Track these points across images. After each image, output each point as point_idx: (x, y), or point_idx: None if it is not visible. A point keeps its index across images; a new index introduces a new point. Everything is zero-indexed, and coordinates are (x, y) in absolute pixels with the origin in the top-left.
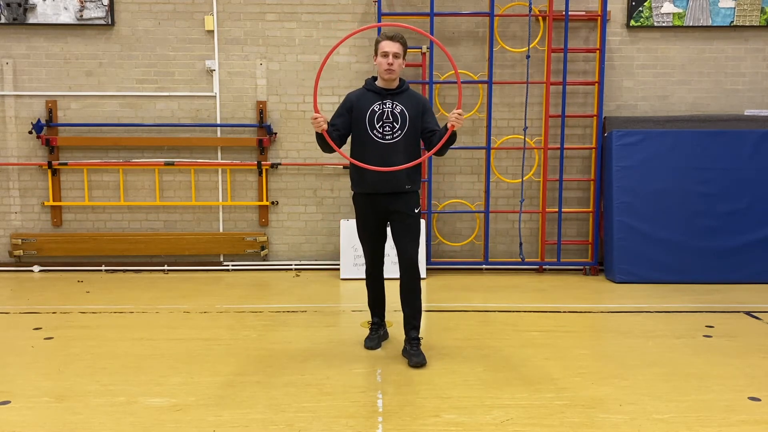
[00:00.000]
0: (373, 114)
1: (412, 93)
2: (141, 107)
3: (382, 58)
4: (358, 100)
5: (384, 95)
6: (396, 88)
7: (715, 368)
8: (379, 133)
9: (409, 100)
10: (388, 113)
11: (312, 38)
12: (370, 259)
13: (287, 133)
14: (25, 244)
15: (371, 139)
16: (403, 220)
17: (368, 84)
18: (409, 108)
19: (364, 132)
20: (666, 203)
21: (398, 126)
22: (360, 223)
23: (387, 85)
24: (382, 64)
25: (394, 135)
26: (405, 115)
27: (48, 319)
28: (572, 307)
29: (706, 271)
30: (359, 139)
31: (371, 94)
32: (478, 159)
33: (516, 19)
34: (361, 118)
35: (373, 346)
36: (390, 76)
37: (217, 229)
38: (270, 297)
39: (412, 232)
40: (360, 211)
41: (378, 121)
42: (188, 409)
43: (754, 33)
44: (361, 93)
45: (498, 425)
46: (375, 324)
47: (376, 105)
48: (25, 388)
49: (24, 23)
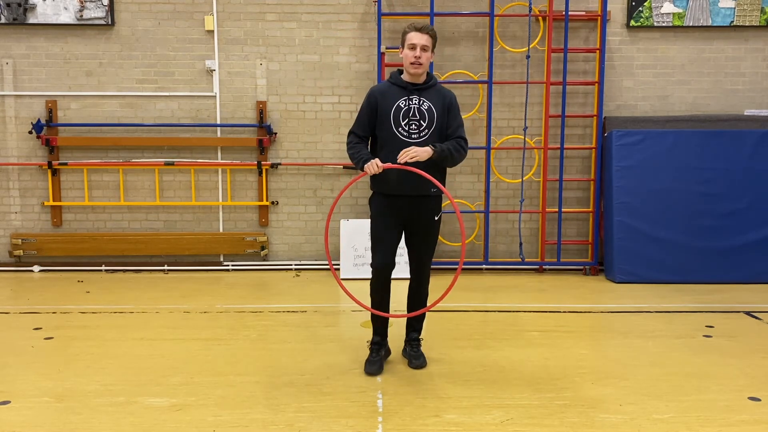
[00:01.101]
0: (398, 110)
1: (440, 88)
2: (141, 107)
3: (409, 50)
4: (383, 95)
5: (410, 90)
6: (423, 83)
7: (715, 368)
8: (405, 131)
9: (437, 96)
10: (414, 110)
11: (312, 38)
12: (378, 262)
13: (287, 133)
14: (25, 244)
15: (396, 137)
16: (423, 226)
17: (393, 77)
18: (436, 105)
19: (389, 129)
20: (666, 203)
21: (425, 124)
22: (375, 224)
23: (413, 80)
24: (409, 57)
25: (420, 133)
26: (432, 113)
27: (48, 319)
28: (572, 307)
29: (706, 271)
30: (383, 136)
31: (396, 89)
32: (478, 159)
33: (516, 19)
34: (386, 114)
35: (374, 372)
36: (417, 70)
37: (217, 229)
38: (270, 297)
39: (430, 239)
40: (377, 212)
41: (404, 119)
42: (188, 409)
43: (754, 33)
44: (386, 87)
45: (498, 425)
46: (376, 344)
47: (401, 101)
48: (25, 388)
49: (24, 23)
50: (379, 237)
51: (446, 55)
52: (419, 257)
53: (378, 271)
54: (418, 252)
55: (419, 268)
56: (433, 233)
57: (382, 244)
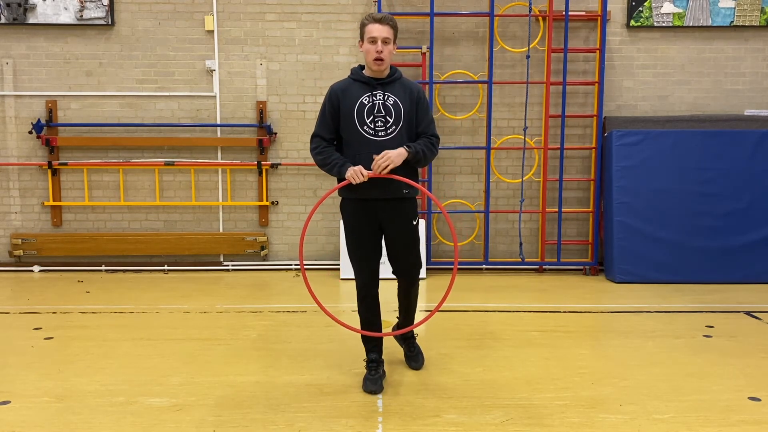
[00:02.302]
0: (362, 107)
1: (405, 82)
2: (141, 107)
3: (369, 44)
4: (344, 92)
5: (373, 85)
6: (387, 77)
7: (715, 368)
8: (371, 128)
9: (403, 89)
10: (379, 106)
11: (312, 38)
12: (362, 279)
13: (287, 133)
14: (25, 244)
15: (362, 136)
16: (401, 231)
17: (354, 73)
18: (403, 99)
19: (353, 128)
20: (666, 203)
21: (392, 120)
22: (351, 236)
23: (376, 75)
24: (370, 52)
25: (387, 131)
26: (399, 108)
27: (48, 319)
28: (572, 307)
29: (706, 271)
30: (348, 137)
31: (358, 85)
32: (478, 159)
33: (516, 19)
34: (349, 112)
35: (376, 390)
36: (379, 66)
37: (217, 229)
38: (270, 297)
39: (413, 244)
40: (350, 220)
41: (368, 116)
42: (188, 409)
43: (754, 33)
44: (347, 84)
45: (498, 425)
46: (373, 362)
47: (364, 97)
48: (25, 388)
49: (24, 23)
50: (358, 253)
51: (446, 55)
52: (406, 264)
53: (362, 288)
54: (404, 259)
55: (408, 273)
56: (414, 237)
57: (364, 262)
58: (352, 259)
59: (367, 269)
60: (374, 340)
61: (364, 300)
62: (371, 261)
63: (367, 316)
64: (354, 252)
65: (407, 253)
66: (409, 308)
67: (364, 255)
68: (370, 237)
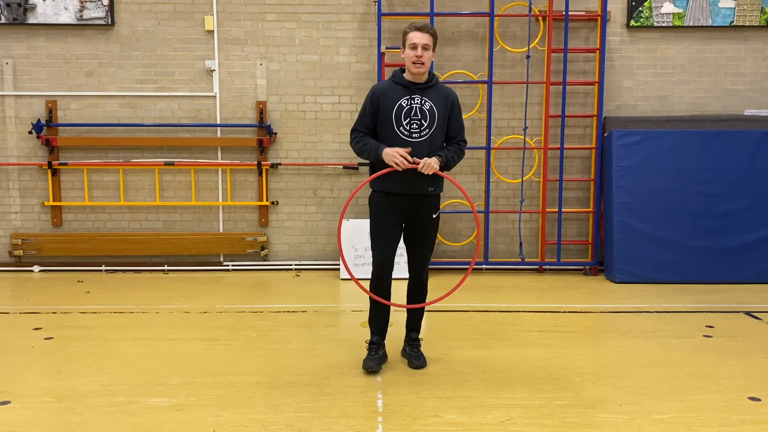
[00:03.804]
0: (400, 109)
1: (441, 87)
2: (141, 107)
3: (410, 50)
4: (385, 94)
5: (412, 89)
6: (425, 83)
7: (715, 368)
8: (406, 130)
9: (439, 95)
10: (416, 109)
11: (312, 38)
12: (379, 262)
13: (287, 133)
14: (25, 244)
15: (397, 136)
16: (422, 225)
17: (396, 76)
18: (438, 104)
19: (390, 128)
20: (666, 203)
21: (426, 123)
22: (376, 224)
23: (416, 79)
24: (411, 57)
25: (421, 133)
26: (434, 112)
27: (48, 319)
28: (572, 307)
29: (706, 271)
30: (384, 135)
31: (399, 88)
32: (478, 159)
33: (516, 19)
34: (388, 113)
35: (373, 367)
36: (419, 70)
37: (217, 229)
38: (270, 297)
39: (429, 237)
40: (378, 210)
41: (405, 118)
42: (188, 409)
43: (754, 33)
44: (388, 86)
45: (498, 425)
46: (374, 344)
47: (403, 100)
48: (25, 388)
49: (24, 23)
50: (379, 234)
51: (446, 55)
52: (419, 255)
53: (379, 267)
54: (418, 249)
55: (419, 267)
56: (433, 230)
57: (384, 241)
58: (374, 244)
59: (385, 253)
60: (380, 324)
61: (378, 277)
62: (390, 243)
63: (380, 295)
64: (376, 237)
65: (425, 244)
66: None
67: (384, 241)
68: (393, 227)
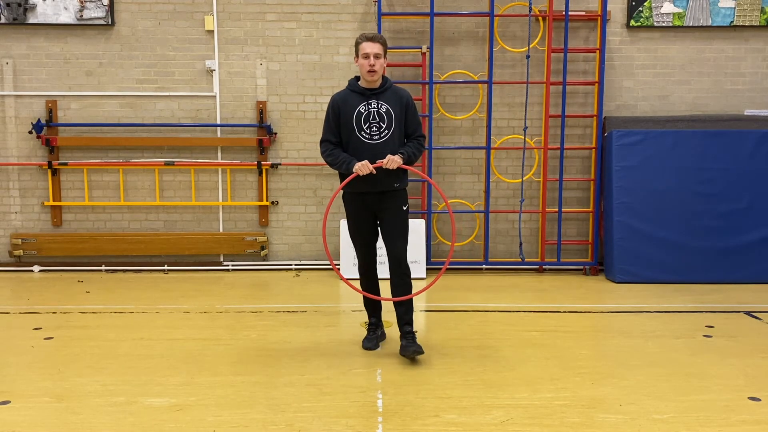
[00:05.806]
0: (359, 115)
1: (395, 90)
2: (141, 107)
3: (363, 59)
4: (344, 102)
5: (368, 95)
6: (379, 88)
7: (715, 368)
8: (367, 134)
9: (394, 97)
10: (374, 113)
11: (312, 38)
12: (362, 258)
13: (287, 133)
14: (25, 244)
15: (360, 141)
16: (392, 216)
17: (351, 85)
18: (394, 106)
19: (352, 134)
20: (666, 203)
21: (385, 125)
22: (352, 222)
23: (370, 85)
24: (364, 66)
25: (381, 135)
26: (391, 114)
27: (48, 319)
28: (572, 307)
29: (706, 271)
30: (348, 140)
31: (355, 95)
32: (478, 159)
33: (516, 19)
34: (348, 120)
35: (372, 347)
36: (372, 77)
37: (217, 229)
38: (270, 297)
39: (400, 228)
40: (351, 209)
41: (365, 122)
42: (188, 409)
43: (754, 33)
44: (345, 94)
45: (498, 425)
46: (372, 324)
47: (361, 106)
48: (25, 388)
49: (24, 23)
50: (357, 234)
51: (446, 55)
52: (395, 243)
53: (363, 264)
54: (392, 241)
55: (398, 254)
56: (403, 222)
57: (361, 240)
58: (354, 241)
59: (366, 248)
60: (373, 307)
61: (365, 274)
62: (369, 242)
63: (368, 285)
64: (354, 235)
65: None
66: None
67: (362, 237)
68: (367, 223)
